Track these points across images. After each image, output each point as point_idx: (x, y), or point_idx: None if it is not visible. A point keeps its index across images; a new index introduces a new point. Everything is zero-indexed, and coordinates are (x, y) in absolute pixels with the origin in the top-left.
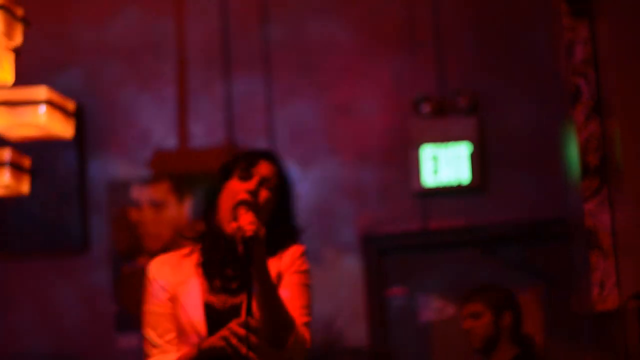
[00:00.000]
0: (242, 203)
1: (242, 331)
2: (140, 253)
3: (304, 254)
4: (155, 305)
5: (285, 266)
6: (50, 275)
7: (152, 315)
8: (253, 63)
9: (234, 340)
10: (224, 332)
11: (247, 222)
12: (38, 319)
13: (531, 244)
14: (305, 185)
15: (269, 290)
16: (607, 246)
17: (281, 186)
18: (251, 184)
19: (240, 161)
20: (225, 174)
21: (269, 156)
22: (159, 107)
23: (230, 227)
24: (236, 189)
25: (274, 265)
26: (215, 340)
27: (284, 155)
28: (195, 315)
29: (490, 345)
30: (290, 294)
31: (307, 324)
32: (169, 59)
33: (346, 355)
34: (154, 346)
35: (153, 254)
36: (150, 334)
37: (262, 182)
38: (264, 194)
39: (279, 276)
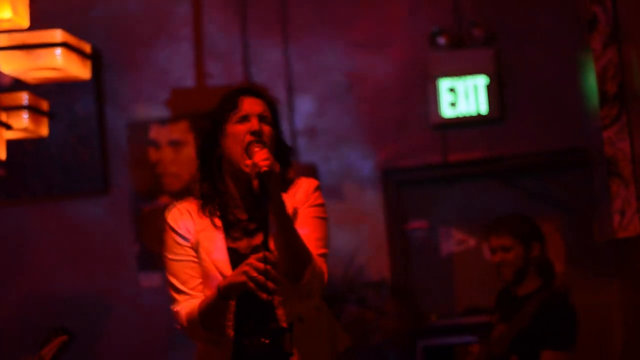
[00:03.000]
0: (253, 142)
1: (261, 265)
2: (161, 192)
3: (318, 188)
4: (176, 254)
5: (300, 201)
6: (71, 217)
7: (174, 264)
8: (269, 0)
9: (254, 274)
10: (243, 267)
11: (261, 158)
12: (60, 260)
13: (551, 174)
14: (323, 121)
15: (286, 224)
16: (627, 174)
17: (275, 118)
18: (253, 124)
19: (230, 104)
20: (217, 120)
21: (255, 92)
22: (176, 48)
23: (245, 166)
24: (239, 132)
25: (289, 201)
26: (236, 276)
27: (301, 92)
28: (219, 259)
29: (519, 277)
30: (306, 228)
31: (323, 256)
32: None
33: (368, 289)
34: (179, 293)
35: (173, 194)
36: (174, 281)
37: (261, 119)
38: (266, 130)
39: (295, 212)
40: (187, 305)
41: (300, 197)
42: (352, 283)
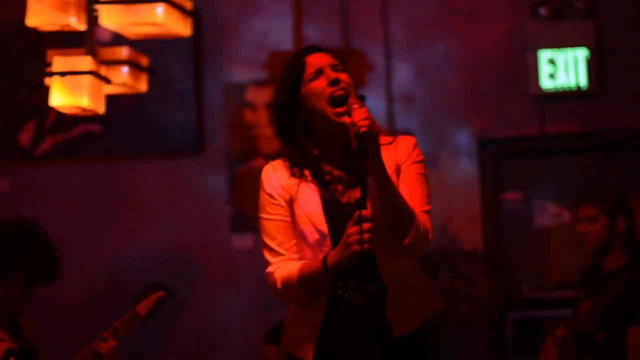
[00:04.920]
0: (338, 92)
1: (358, 230)
2: (255, 154)
3: (418, 144)
4: (269, 213)
5: (402, 157)
6: (165, 176)
7: (268, 223)
8: None
9: (357, 247)
10: (343, 241)
11: (361, 117)
12: (154, 220)
13: None
14: (421, 89)
15: (387, 184)
16: None
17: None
18: (328, 75)
19: (298, 67)
20: (291, 87)
21: (317, 47)
22: (275, 9)
23: (340, 116)
24: (318, 87)
25: (391, 157)
26: (340, 252)
27: (400, 58)
28: (314, 213)
29: (602, 250)
30: (409, 185)
31: (427, 212)
32: None
33: (460, 259)
34: (274, 255)
35: (268, 156)
36: (268, 242)
37: (334, 68)
38: (343, 77)
39: (397, 168)
40: (283, 269)
41: (401, 153)
42: (445, 252)
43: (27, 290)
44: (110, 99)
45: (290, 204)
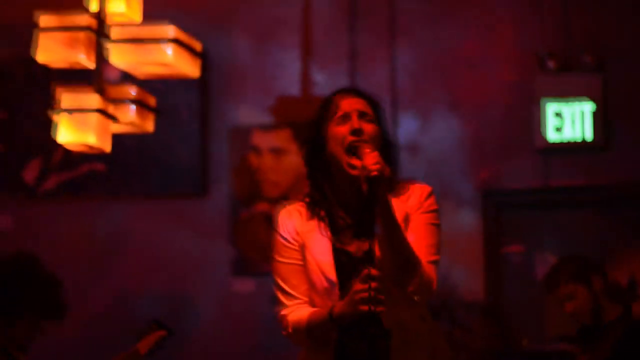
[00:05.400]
0: (355, 142)
1: (366, 291)
2: (259, 199)
3: (432, 193)
4: (284, 257)
5: (413, 207)
6: (168, 217)
7: (283, 267)
8: (378, 13)
9: (364, 307)
10: (351, 297)
11: (372, 161)
12: (155, 261)
13: None
14: (426, 138)
15: (394, 230)
16: None
17: (378, 116)
18: (353, 123)
19: (329, 106)
20: (319, 125)
21: (354, 91)
22: (283, 55)
23: (353, 168)
24: (340, 133)
25: (401, 206)
26: (346, 306)
27: (405, 107)
28: (323, 261)
29: (597, 313)
30: (417, 234)
31: (434, 263)
32: (294, 5)
33: (460, 310)
34: (288, 298)
35: (271, 201)
36: (283, 284)
37: (361, 116)
38: (367, 128)
39: (407, 217)
40: (295, 313)
41: (413, 202)
42: (445, 301)
43: (33, 330)
44: (116, 139)
45: (302, 250)
